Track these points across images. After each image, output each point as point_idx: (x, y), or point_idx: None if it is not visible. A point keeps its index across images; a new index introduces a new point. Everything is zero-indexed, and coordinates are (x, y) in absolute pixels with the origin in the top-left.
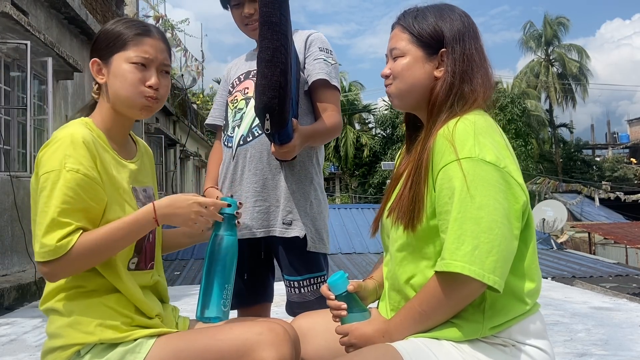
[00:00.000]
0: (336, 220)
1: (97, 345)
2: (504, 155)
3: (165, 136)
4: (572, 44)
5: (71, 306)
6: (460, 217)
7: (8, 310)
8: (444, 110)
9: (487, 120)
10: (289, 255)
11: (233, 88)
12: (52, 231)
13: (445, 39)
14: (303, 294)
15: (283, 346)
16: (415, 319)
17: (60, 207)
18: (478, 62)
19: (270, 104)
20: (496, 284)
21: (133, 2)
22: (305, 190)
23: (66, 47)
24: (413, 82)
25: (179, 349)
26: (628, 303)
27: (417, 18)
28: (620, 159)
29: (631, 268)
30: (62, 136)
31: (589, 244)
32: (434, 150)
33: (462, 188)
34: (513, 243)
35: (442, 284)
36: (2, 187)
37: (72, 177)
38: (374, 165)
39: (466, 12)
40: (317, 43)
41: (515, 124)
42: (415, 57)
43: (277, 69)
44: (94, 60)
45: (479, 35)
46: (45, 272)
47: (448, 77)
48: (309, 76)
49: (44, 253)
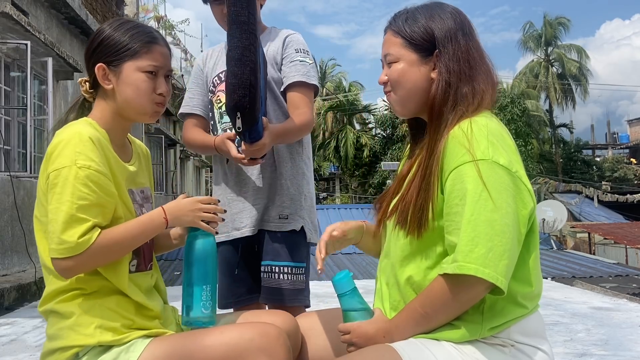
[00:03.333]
0: (336, 220)
1: (95, 347)
2: (515, 159)
3: (165, 136)
4: (571, 44)
5: (71, 308)
6: (474, 219)
7: (8, 311)
8: (446, 112)
9: (498, 123)
10: (276, 242)
11: (214, 87)
12: (71, 227)
13: (436, 39)
14: (280, 281)
15: (276, 352)
16: (417, 320)
17: (77, 204)
18: (476, 59)
19: (241, 102)
20: (506, 287)
21: (133, 2)
22: (299, 184)
23: (66, 47)
24: (411, 86)
25: (168, 352)
26: (628, 303)
27: (407, 21)
28: (620, 159)
29: (631, 268)
30: (69, 134)
31: (589, 244)
32: (445, 152)
33: (476, 190)
34: (518, 249)
35: (450, 286)
36: (2, 187)
37: (85, 173)
38: (374, 166)
39: (458, 9)
40: (293, 45)
41: (515, 124)
42: (410, 61)
43: (246, 68)
44: (100, 66)
45: (474, 32)
46: (63, 268)
47: (443, 77)
48: (285, 78)
49: (64, 249)
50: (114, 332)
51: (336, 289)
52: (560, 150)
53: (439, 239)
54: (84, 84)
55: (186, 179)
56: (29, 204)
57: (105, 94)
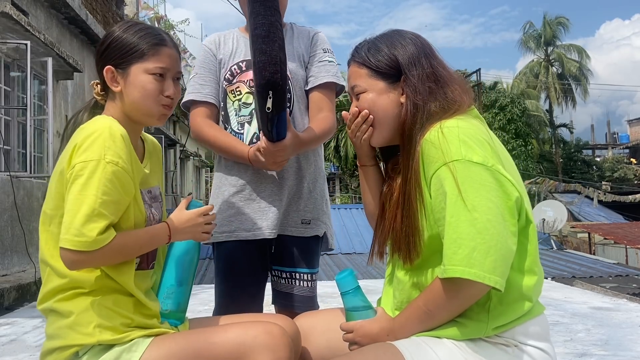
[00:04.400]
0: (336, 221)
1: (95, 346)
2: (489, 154)
3: (165, 136)
4: (572, 44)
5: (70, 307)
6: (454, 220)
7: (8, 311)
8: (415, 133)
9: (470, 122)
10: (295, 248)
11: (232, 76)
12: (92, 222)
13: (401, 65)
14: (296, 287)
15: (280, 350)
16: (420, 318)
17: (101, 199)
18: (443, 75)
19: (273, 79)
20: (497, 283)
21: (133, 2)
22: (321, 188)
23: (66, 47)
24: (383, 114)
25: (173, 351)
26: (628, 303)
27: (370, 51)
28: (620, 159)
29: (631, 268)
30: (99, 127)
31: (588, 244)
32: (423, 159)
33: (452, 191)
34: (511, 240)
35: (445, 288)
36: (2, 187)
37: (112, 169)
38: None
39: (417, 34)
40: (321, 44)
41: (515, 124)
42: (378, 89)
43: (275, 44)
44: (109, 68)
45: (435, 52)
46: (73, 260)
47: (410, 100)
48: (313, 77)
49: (80, 243)
50: (113, 331)
51: (339, 287)
52: (560, 150)
53: (438, 245)
54: (96, 87)
55: (186, 179)
56: (29, 204)
57: (114, 96)
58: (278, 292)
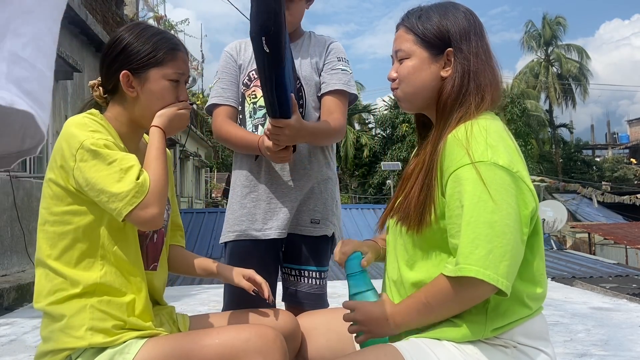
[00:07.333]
0: None
1: (88, 349)
2: (516, 160)
3: None
4: (572, 44)
5: (62, 310)
6: (473, 220)
7: (8, 311)
8: (455, 110)
9: (499, 124)
10: (305, 246)
11: (250, 81)
12: (123, 179)
13: (450, 38)
14: (306, 285)
15: (272, 353)
16: (420, 310)
17: (112, 162)
18: (484, 60)
19: (265, 24)
20: (508, 289)
21: (133, 2)
22: (332, 190)
23: (66, 47)
24: (420, 84)
25: (165, 352)
26: (628, 303)
27: (421, 18)
28: (620, 159)
29: (631, 268)
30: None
31: (588, 245)
32: (444, 153)
33: (475, 192)
34: (522, 248)
35: (453, 285)
36: (2, 187)
37: (102, 142)
38: (373, 166)
39: (471, 10)
40: (335, 53)
41: (515, 124)
42: (422, 58)
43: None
44: (125, 73)
45: (485, 33)
46: (147, 218)
47: (457, 77)
48: (325, 84)
49: (132, 198)
50: (105, 334)
51: (346, 269)
52: (560, 150)
53: (441, 241)
54: (97, 89)
55: (186, 179)
56: (29, 204)
57: (124, 100)
58: (287, 289)
